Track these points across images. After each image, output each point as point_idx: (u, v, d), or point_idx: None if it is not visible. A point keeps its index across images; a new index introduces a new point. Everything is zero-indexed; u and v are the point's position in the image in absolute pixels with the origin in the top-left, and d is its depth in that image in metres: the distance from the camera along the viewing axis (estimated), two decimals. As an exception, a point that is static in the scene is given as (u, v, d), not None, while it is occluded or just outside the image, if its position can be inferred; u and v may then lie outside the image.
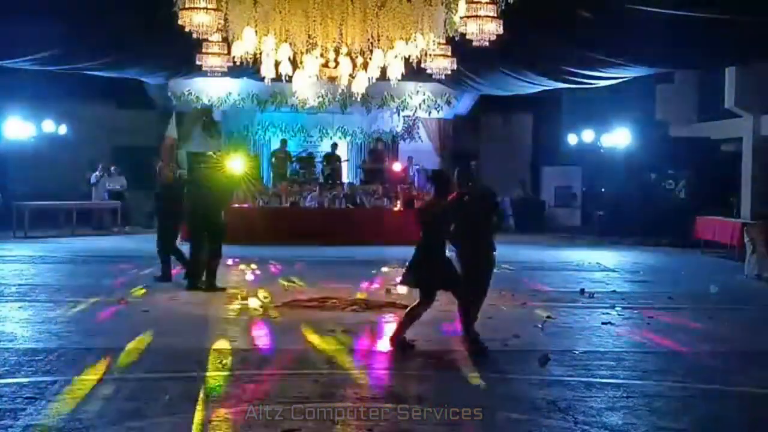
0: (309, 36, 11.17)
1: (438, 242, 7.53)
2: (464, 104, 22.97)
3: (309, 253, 15.63)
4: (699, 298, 11.29)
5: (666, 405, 5.94)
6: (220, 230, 11.19)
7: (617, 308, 10.10)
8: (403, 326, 7.61)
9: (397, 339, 7.51)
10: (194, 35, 10.33)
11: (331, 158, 21.23)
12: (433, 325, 8.40)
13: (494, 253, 7.74)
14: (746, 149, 18.37)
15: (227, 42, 11.72)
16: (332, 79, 12.79)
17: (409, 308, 7.78)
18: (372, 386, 6.25)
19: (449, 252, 7.63)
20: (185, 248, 11.52)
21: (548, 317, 9.23)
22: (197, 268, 11.09)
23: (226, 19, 10.73)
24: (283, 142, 21.88)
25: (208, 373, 6.56)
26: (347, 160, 22.29)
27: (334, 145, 21.76)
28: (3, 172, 18.15)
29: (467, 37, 10.09)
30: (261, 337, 8.15)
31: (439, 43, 11.69)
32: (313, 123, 22.58)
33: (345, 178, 21.87)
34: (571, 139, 24.12)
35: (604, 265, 15.02)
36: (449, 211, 7.60)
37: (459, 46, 11.62)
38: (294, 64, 11.96)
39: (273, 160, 21.55)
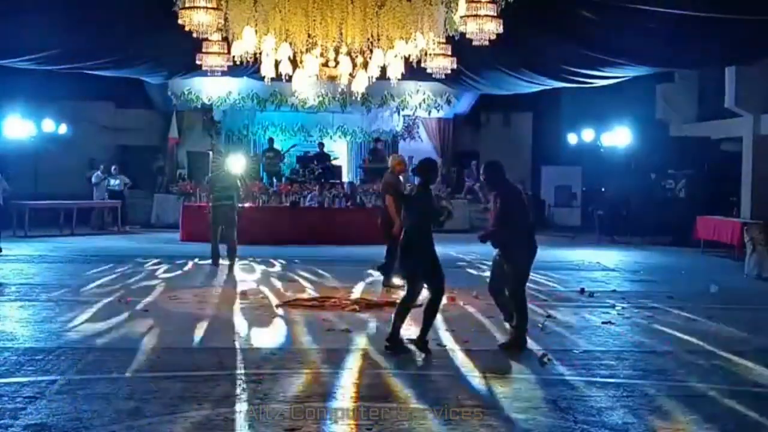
0: (309, 35, 11.18)
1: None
2: (464, 103, 23.00)
3: (309, 253, 15.63)
4: (699, 297, 11.28)
5: (666, 405, 5.94)
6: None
7: (617, 308, 10.10)
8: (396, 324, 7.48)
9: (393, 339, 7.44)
10: (194, 35, 10.34)
11: (321, 158, 21.20)
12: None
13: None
14: (746, 149, 18.36)
15: (227, 41, 11.73)
16: (332, 79, 12.80)
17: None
18: (372, 386, 6.25)
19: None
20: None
21: (548, 317, 9.23)
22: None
23: (226, 19, 10.74)
24: (270, 140, 21.94)
25: (208, 373, 6.55)
26: (336, 158, 22.24)
27: (321, 145, 21.79)
28: (3, 171, 18.14)
29: (467, 36, 10.11)
30: (261, 336, 8.15)
31: (439, 43, 11.69)
32: (313, 123, 22.61)
33: (345, 177, 21.87)
34: (571, 138, 24.13)
35: (604, 264, 15.02)
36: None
37: (459, 45, 11.63)
38: (294, 63, 11.96)
39: (264, 159, 21.58)
